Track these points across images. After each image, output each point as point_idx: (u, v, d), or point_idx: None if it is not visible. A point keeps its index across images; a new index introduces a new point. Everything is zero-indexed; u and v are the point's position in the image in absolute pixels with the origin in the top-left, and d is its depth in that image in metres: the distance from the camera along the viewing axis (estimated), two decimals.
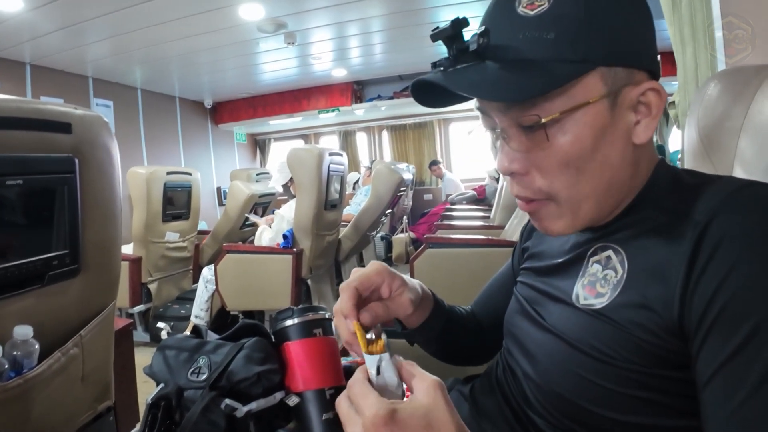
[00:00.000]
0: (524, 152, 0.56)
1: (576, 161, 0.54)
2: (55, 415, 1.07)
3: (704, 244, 0.48)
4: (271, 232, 3.31)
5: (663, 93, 0.55)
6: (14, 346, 0.94)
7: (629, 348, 0.52)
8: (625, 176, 0.57)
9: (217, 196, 7.59)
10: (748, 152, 0.77)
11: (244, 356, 0.82)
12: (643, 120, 0.56)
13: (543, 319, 0.65)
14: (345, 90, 6.85)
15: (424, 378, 0.48)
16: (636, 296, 0.53)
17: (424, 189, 7.98)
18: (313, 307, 0.90)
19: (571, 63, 0.52)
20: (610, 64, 0.53)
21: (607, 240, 0.60)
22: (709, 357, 0.46)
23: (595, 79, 0.53)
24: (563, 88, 0.52)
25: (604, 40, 0.52)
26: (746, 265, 0.45)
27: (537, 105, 0.53)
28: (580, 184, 0.55)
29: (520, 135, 0.56)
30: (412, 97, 0.62)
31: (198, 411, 0.77)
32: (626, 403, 0.53)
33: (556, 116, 0.52)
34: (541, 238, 0.78)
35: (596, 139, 0.54)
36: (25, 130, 0.95)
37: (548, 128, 0.53)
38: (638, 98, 0.55)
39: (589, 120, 0.53)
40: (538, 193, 0.58)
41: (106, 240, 1.17)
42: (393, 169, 4.02)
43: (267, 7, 3.81)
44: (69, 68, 4.97)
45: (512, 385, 0.70)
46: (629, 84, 0.54)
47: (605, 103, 0.53)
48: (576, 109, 0.53)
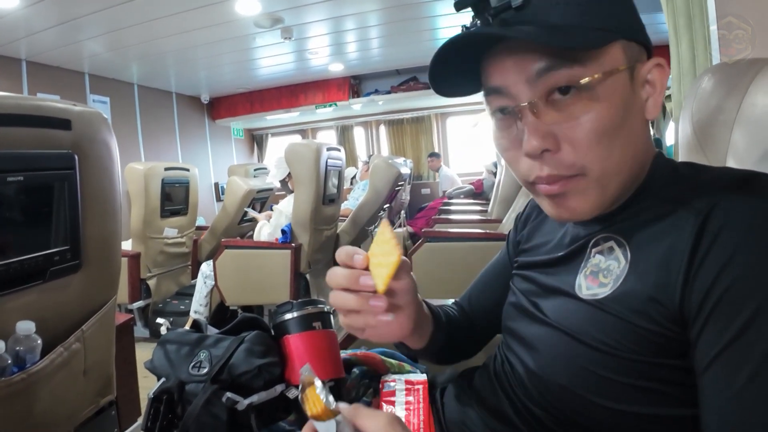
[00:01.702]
0: (555, 125, 0.54)
1: (609, 131, 0.53)
2: (58, 410, 1.08)
3: (706, 232, 0.48)
4: (270, 227, 3.31)
5: (666, 69, 0.57)
6: (17, 341, 0.95)
7: (631, 338, 0.52)
8: (644, 153, 0.58)
9: (215, 192, 7.57)
10: (741, 145, 0.78)
11: (244, 349, 0.83)
12: (651, 97, 0.57)
13: (543, 312, 0.65)
14: (342, 85, 6.83)
15: (378, 417, 0.49)
16: (639, 286, 0.53)
17: (422, 183, 7.98)
18: (312, 301, 0.91)
19: (600, 30, 0.53)
20: (628, 38, 0.55)
21: (608, 231, 0.60)
22: (709, 342, 0.47)
23: (618, 49, 0.54)
24: (596, 53, 0.52)
25: (623, 14, 0.55)
26: (746, 251, 0.46)
27: (573, 67, 0.52)
28: (613, 156, 0.54)
29: (550, 108, 0.54)
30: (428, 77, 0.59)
31: (200, 404, 0.78)
32: (627, 392, 0.53)
33: (595, 78, 0.52)
34: (536, 232, 0.78)
35: (625, 108, 0.54)
36: (25, 126, 0.95)
37: (583, 94, 0.53)
38: (646, 76, 0.56)
39: (619, 88, 0.53)
40: (571, 169, 0.55)
41: (106, 235, 1.18)
42: (390, 164, 4.02)
43: (263, 2, 3.80)
44: (65, 64, 4.95)
45: (511, 378, 0.70)
46: (640, 60, 0.56)
47: (627, 75, 0.54)
48: (608, 75, 0.53)
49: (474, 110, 7.50)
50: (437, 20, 4.59)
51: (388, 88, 6.83)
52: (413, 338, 0.75)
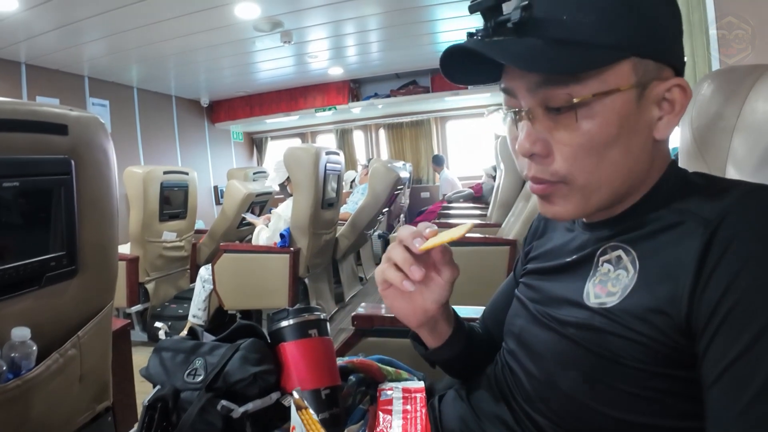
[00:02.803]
0: (548, 132, 0.56)
1: (599, 147, 0.54)
2: (53, 416, 1.07)
3: (714, 244, 0.48)
4: (269, 231, 3.31)
5: (689, 91, 0.56)
6: (12, 347, 0.94)
7: (637, 347, 0.52)
8: (642, 169, 0.58)
9: (214, 195, 7.57)
10: (740, 152, 0.77)
11: (240, 357, 0.83)
12: (666, 116, 0.56)
13: (549, 319, 0.65)
14: (342, 88, 6.83)
15: None
16: (646, 295, 0.53)
17: (421, 187, 7.98)
18: (308, 308, 0.90)
19: (608, 48, 0.53)
20: (642, 56, 0.54)
21: (616, 240, 0.60)
22: (717, 356, 0.46)
23: (627, 67, 0.53)
24: (598, 71, 0.53)
25: (640, 31, 0.53)
26: (756, 265, 0.45)
27: (569, 86, 0.53)
28: (599, 171, 0.55)
29: (546, 116, 0.56)
30: (440, 68, 0.61)
31: (195, 412, 0.78)
32: (632, 402, 0.53)
33: (588, 98, 0.53)
34: (544, 239, 0.78)
35: (621, 127, 0.54)
36: (22, 132, 0.95)
37: (578, 110, 0.54)
38: (664, 94, 0.56)
39: (617, 107, 0.53)
40: (555, 176, 0.57)
41: (103, 241, 1.17)
42: (390, 168, 4.02)
43: (263, 6, 3.80)
44: (65, 68, 4.95)
45: (512, 384, 0.70)
46: (657, 78, 0.55)
47: (633, 93, 0.54)
48: (607, 94, 0.53)
49: (474, 114, 7.51)
50: (437, 24, 4.60)
51: (388, 91, 6.83)
52: (432, 333, 0.77)
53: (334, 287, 3.93)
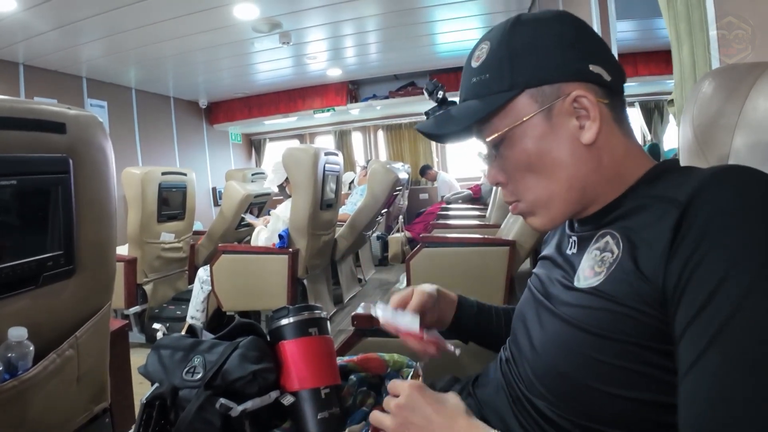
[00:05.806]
0: (497, 165, 0.71)
1: (528, 166, 0.67)
2: (50, 417, 1.07)
3: (686, 217, 0.53)
4: (267, 232, 3.30)
5: (590, 96, 0.63)
6: (9, 348, 0.94)
7: (627, 321, 0.56)
8: (585, 173, 0.65)
9: (213, 197, 7.56)
10: (742, 150, 0.77)
11: (239, 355, 0.82)
12: (586, 122, 0.64)
13: (548, 302, 0.70)
14: (340, 90, 6.83)
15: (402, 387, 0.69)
16: (629, 269, 0.57)
17: (420, 188, 7.98)
18: (308, 306, 0.90)
19: (502, 92, 0.65)
20: (534, 86, 0.64)
21: (606, 228, 0.65)
22: (681, 318, 0.51)
23: (525, 100, 0.65)
24: (500, 112, 0.66)
25: (525, 70, 0.65)
26: (716, 230, 0.50)
27: (489, 129, 0.68)
28: (538, 187, 0.67)
29: (491, 152, 0.71)
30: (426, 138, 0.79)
31: (193, 410, 0.77)
32: (627, 378, 0.56)
33: (499, 135, 0.67)
34: (551, 237, 0.85)
35: (539, 146, 0.65)
36: (19, 130, 0.94)
37: (500, 145, 0.68)
38: (572, 105, 0.64)
39: (528, 132, 0.65)
40: (513, 197, 0.71)
41: (101, 240, 1.16)
42: (389, 169, 4.02)
43: (261, 7, 3.80)
44: (63, 68, 4.94)
45: (514, 372, 0.74)
46: (558, 96, 0.64)
47: (541, 116, 0.65)
48: (514, 127, 0.65)
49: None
50: (435, 26, 4.61)
51: (386, 93, 6.84)
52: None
53: (332, 288, 3.92)
